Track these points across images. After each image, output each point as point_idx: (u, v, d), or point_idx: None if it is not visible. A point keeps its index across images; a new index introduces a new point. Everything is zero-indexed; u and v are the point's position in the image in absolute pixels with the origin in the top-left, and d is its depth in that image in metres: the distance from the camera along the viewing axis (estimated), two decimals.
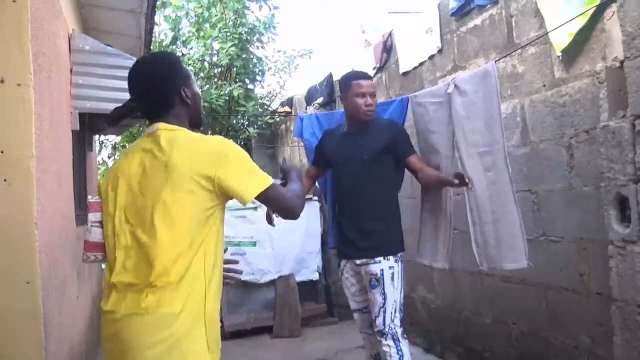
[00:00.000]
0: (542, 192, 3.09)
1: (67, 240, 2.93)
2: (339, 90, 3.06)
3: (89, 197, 1.69)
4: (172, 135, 1.58)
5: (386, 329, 2.65)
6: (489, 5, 3.43)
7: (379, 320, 2.65)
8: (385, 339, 2.65)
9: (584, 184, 2.80)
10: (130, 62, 3.57)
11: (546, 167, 3.04)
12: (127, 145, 7.79)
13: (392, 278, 2.69)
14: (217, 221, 1.58)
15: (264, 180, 1.58)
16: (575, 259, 2.87)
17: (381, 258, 2.68)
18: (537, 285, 3.13)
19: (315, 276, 5.58)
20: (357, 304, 2.90)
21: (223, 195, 1.55)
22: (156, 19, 5.16)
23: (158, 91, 1.64)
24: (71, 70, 3.30)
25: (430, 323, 4.29)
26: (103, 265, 1.74)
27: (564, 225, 2.95)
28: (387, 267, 2.68)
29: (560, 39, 2.80)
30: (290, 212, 1.67)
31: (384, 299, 2.64)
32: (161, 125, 1.61)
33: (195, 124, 1.74)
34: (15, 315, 2.00)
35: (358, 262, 2.75)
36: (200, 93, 1.78)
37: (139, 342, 1.44)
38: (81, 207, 3.95)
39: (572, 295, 2.91)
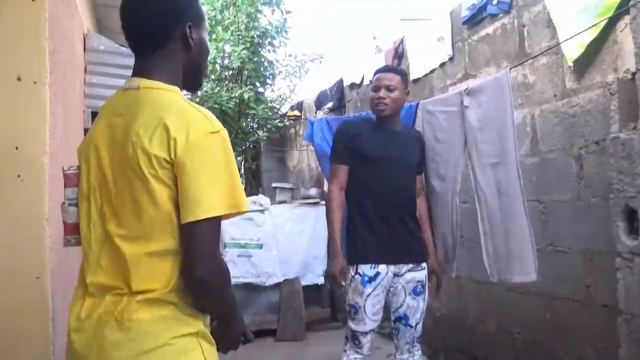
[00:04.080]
0: (551, 202, 3.08)
1: None
2: None
3: (64, 166, 1.39)
4: (148, 95, 1.24)
5: (421, 334, 2.63)
6: (501, 15, 3.44)
7: (419, 327, 2.61)
8: (419, 346, 2.63)
9: (592, 195, 2.79)
10: None
11: (555, 177, 3.04)
12: None
13: (427, 284, 2.67)
14: None
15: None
16: (582, 270, 2.86)
17: (425, 264, 2.65)
18: (543, 295, 3.12)
19: (321, 280, 5.57)
20: (375, 323, 2.55)
21: None
22: None
23: (156, 15, 1.26)
24: (85, 69, 3.34)
25: (434, 331, 4.27)
26: None
27: (571, 236, 2.94)
28: (427, 273, 2.66)
29: (572, 50, 2.81)
30: (200, 267, 1.15)
31: (424, 305, 2.61)
32: (143, 82, 1.25)
33: (191, 83, 1.38)
34: (25, 309, 2.03)
35: (404, 268, 2.56)
36: (209, 48, 1.43)
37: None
38: None
39: (577, 306, 2.90)
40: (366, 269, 2.52)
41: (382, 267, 2.52)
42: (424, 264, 2.65)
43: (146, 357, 1.15)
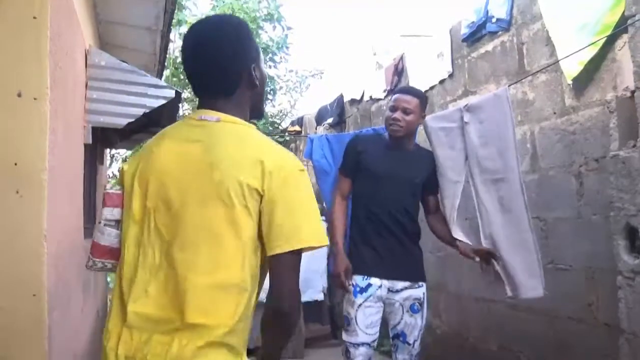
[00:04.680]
0: (551, 219, 3.07)
1: (74, 253, 2.95)
2: None
3: (107, 185, 1.35)
4: (233, 130, 1.25)
5: (419, 352, 2.63)
6: (500, 32, 3.46)
7: (417, 344, 2.60)
8: None
9: (593, 213, 2.78)
10: (144, 78, 3.63)
11: (555, 194, 3.03)
12: None
13: (426, 303, 2.66)
14: None
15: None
16: (584, 288, 2.84)
17: (423, 282, 2.64)
18: (544, 313, 3.09)
19: (320, 296, 5.54)
20: (368, 337, 2.53)
21: None
22: (171, 36, 5.24)
23: (226, 63, 1.27)
24: (86, 85, 3.35)
25: (435, 349, 4.23)
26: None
27: (572, 253, 2.93)
28: (425, 290, 2.65)
29: (571, 68, 2.82)
30: (288, 301, 1.19)
31: (422, 322, 2.61)
32: (223, 116, 1.26)
33: (256, 115, 1.41)
34: (21, 327, 2.01)
35: (400, 285, 2.57)
36: (266, 75, 1.48)
37: None
38: (90, 220, 3.97)
39: (579, 325, 2.87)
40: (358, 280, 2.55)
41: (374, 280, 2.55)
42: (422, 282, 2.63)
43: None
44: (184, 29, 7.51)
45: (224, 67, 1.27)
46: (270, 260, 1.17)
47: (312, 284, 5.50)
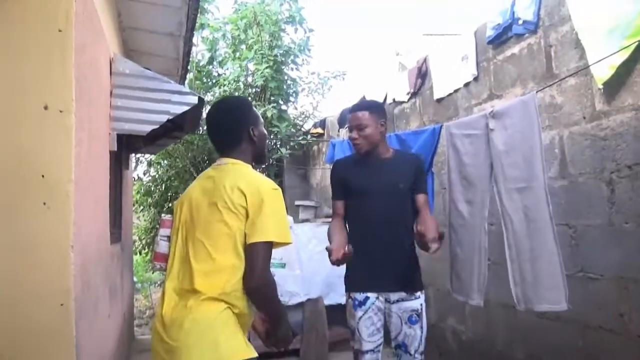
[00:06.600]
0: (581, 226, 3.00)
1: (101, 260, 2.98)
2: None
3: (163, 214, 1.89)
4: (232, 168, 1.90)
5: None
6: (527, 35, 3.39)
7: (419, 356, 2.62)
8: None
9: (625, 221, 2.70)
10: (168, 85, 3.66)
11: (585, 201, 2.95)
12: (162, 161, 7.95)
13: (425, 312, 2.66)
14: None
15: (270, 234, 1.77)
16: (616, 298, 2.77)
17: (419, 293, 2.62)
18: (574, 323, 3.02)
19: (344, 300, 5.51)
20: (371, 344, 2.62)
21: None
22: (194, 40, 5.27)
23: (230, 129, 1.97)
24: (111, 93, 3.39)
25: (459, 355, 4.18)
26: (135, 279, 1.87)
27: (603, 262, 2.85)
28: (423, 301, 2.64)
29: (602, 72, 2.74)
30: (255, 280, 1.73)
31: (422, 332, 2.62)
32: (228, 160, 1.93)
33: (258, 160, 2.04)
34: (48, 336, 2.04)
35: (395, 297, 2.59)
36: (266, 134, 2.07)
37: (184, 340, 1.71)
38: (116, 225, 4.01)
39: (611, 335, 2.80)
40: (356, 294, 2.66)
41: (370, 293, 2.63)
42: (419, 293, 2.62)
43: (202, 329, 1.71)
44: (206, 32, 7.55)
45: (229, 131, 1.97)
46: (247, 248, 1.74)
47: (335, 287, 5.47)
